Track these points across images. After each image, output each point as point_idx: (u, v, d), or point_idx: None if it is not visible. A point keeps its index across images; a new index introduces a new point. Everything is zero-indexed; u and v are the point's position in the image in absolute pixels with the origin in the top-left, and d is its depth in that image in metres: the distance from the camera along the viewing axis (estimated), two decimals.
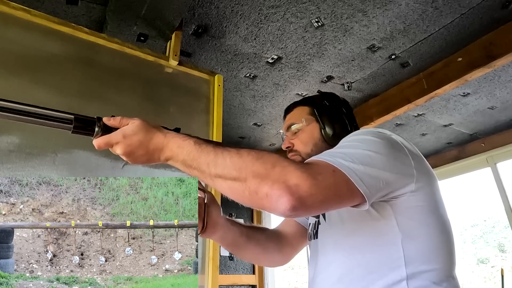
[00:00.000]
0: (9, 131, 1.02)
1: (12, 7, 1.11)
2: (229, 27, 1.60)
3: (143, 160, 0.73)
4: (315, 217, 0.98)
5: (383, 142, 0.74)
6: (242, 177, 0.62)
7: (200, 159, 0.67)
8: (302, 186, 0.59)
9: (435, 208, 0.79)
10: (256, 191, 0.61)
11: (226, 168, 0.64)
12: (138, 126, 0.72)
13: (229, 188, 0.64)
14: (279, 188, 0.59)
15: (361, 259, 0.77)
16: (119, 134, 0.72)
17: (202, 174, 0.68)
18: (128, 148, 0.72)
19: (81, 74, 1.21)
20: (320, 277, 0.86)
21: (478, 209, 7.18)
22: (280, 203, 0.59)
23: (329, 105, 1.03)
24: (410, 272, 0.72)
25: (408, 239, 0.74)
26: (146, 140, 0.72)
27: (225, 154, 0.66)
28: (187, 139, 0.71)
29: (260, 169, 0.61)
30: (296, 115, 1.05)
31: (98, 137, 0.73)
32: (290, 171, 0.60)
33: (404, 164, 0.74)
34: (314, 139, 0.99)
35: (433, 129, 2.66)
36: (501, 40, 1.68)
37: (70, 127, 0.71)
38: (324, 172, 0.64)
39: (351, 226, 0.82)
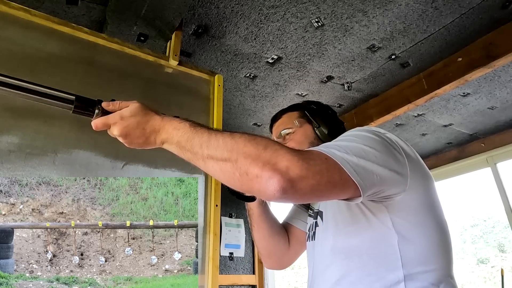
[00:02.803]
0: (9, 131, 1.02)
1: (12, 7, 1.11)
2: (229, 27, 1.60)
3: (139, 142, 0.74)
4: (313, 217, 0.98)
5: (378, 139, 0.74)
6: (233, 158, 0.62)
7: (193, 140, 0.67)
8: (293, 168, 0.59)
9: (431, 208, 0.79)
10: (246, 172, 0.60)
11: (218, 149, 0.64)
12: (136, 108, 0.73)
13: (220, 170, 0.64)
14: (269, 170, 0.58)
15: (358, 262, 0.77)
16: (117, 115, 0.72)
17: (195, 156, 0.68)
18: (125, 129, 0.72)
19: (81, 74, 1.21)
20: (318, 280, 0.86)
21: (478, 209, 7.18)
22: (269, 184, 0.58)
23: (317, 108, 1.05)
24: (408, 273, 0.72)
25: (404, 240, 0.74)
26: (143, 121, 0.72)
27: (218, 136, 0.66)
28: (183, 122, 0.71)
29: (252, 150, 0.61)
30: (285, 120, 1.06)
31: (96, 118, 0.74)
32: (282, 153, 0.60)
33: (399, 162, 0.74)
34: (309, 138, 1.00)
35: (433, 129, 2.66)
36: (501, 40, 1.67)
37: (71, 107, 0.72)
38: (317, 158, 0.63)
39: (347, 229, 0.81)
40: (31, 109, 1.06)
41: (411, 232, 0.75)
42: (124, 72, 1.32)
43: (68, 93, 0.72)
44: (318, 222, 0.93)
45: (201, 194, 1.34)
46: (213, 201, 1.34)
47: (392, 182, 0.71)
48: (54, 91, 0.71)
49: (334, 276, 0.80)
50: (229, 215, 3.07)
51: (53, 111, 0.80)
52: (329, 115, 1.04)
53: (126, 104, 0.74)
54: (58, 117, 1.10)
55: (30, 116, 1.06)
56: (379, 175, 0.68)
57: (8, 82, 0.67)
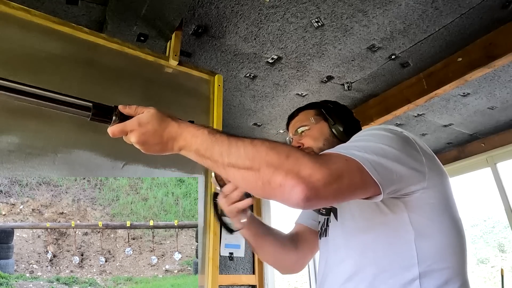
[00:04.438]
0: (9, 131, 1.02)
1: (12, 7, 1.11)
2: (229, 27, 1.60)
3: (156, 149, 0.73)
4: (326, 214, 0.98)
5: (396, 138, 0.74)
6: (255, 167, 0.62)
7: (213, 149, 0.67)
8: (315, 175, 0.59)
9: (447, 206, 0.79)
10: (269, 181, 0.60)
11: (240, 158, 0.64)
12: (153, 115, 0.72)
13: (242, 178, 0.64)
14: (292, 178, 0.58)
15: (372, 258, 0.77)
16: (135, 122, 0.72)
17: (215, 164, 0.67)
18: (143, 137, 0.71)
19: (81, 74, 1.21)
20: (331, 275, 0.86)
21: (478, 209, 7.18)
22: (293, 193, 0.58)
23: (334, 107, 1.05)
24: (423, 271, 0.71)
25: (421, 237, 0.73)
26: (161, 128, 0.72)
27: (239, 144, 0.65)
28: (201, 129, 0.71)
29: (274, 159, 0.61)
30: (302, 118, 1.06)
31: (113, 125, 0.73)
32: (304, 161, 0.60)
33: (416, 160, 0.74)
34: (324, 135, 1.00)
35: (433, 129, 2.66)
36: (501, 40, 1.67)
37: (88, 114, 0.71)
38: (337, 161, 0.63)
39: (363, 224, 0.81)
40: (31, 109, 1.06)
41: (428, 229, 0.74)
42: (124, 72, 1.32)
43: (85, 100, 0.71)
44: (330, 219, 0.93)
45: (201, 194, 1.34)
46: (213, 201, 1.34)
47: (411, 180, 0.72)
48: (71, 99, 0.70)
49: (348, 271, 0.80)
50: None
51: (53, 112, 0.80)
52: (346, 113, 1.05)
53: (142, 110, 0.73)
54: (58, 117, 1.10)
55: (30, 116, 1.06)
56: (398, 173, 0.68)
57: (26, 90, 0.66)
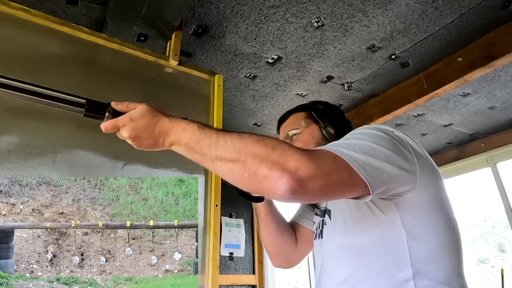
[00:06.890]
0: (9, 131, 1.02)
1: (12, 7, 1.11)
2: (229, 27, 1.60)
3: (148, 144, 0.74)
4: (321, 215, 0.98)
5: (387, 137, 0.73)
6: (242, 159, 0.62)
7: (202, 142, 0.68)
8: (301, 168, 0.58)
9: (440, 206, 0.78)
10: (255, 173, 0.60)
11: (227, 150, 0.64)
12: (145, 110, 0.74)
13: (229, 170, 0.64)
14: (278, 170, 0.58)
15: (367, 260, 0.77)
16: (126, 117, 0.73)
17: (203, 157, 0.68)
18: (134, 132, 0.73)
19: (81, 74, 1.21)
20: (326, 278, 0.86)
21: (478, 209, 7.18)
22: (279, 184, 0.58)
23: (324, 108, 1.05)
24: (417, 271, 0.71)
25: (414, 238, 0.74)
26: (152, 123, 0.73)
27: (226, 137, 0.66)
28: (192, 123, 0.72)
29: (260, 151, 0.61)
30: (292, 121, 1.06)
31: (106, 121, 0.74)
32: (290, 153, 0.60)
33: (408, 160, 0.73)
34: (315, 138, 1.00)
35: (433, 129, 2.66)
36: (501, 40, 1.67)
37: (81, 110, 0.73)
38: (325, 158, 0.63)
39: (355, 227, 0.81)
40: (31, 109, 1.06)
41: (421, 230, 0.74)
42: (124, 72, 1.32)
43: (78, 96, 0.73)
44: (325, 221, 0.93)
45: (201, 194, 1.34)
46: (213, 201, 1.34)
47: (401, 180, 0.71)
48: (65, 95, 0.72)
49: (343, 274, 0.80)
50: (229, 215, 3.06)
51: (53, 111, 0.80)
52: (336, 115, 1.04)
53: (134, 106, 0.74)
54: (58, 117, 1.10)
55: (30, 116, 1.06)
56: (388, 173, 0.68)
57: (19, 86, 0.67)
